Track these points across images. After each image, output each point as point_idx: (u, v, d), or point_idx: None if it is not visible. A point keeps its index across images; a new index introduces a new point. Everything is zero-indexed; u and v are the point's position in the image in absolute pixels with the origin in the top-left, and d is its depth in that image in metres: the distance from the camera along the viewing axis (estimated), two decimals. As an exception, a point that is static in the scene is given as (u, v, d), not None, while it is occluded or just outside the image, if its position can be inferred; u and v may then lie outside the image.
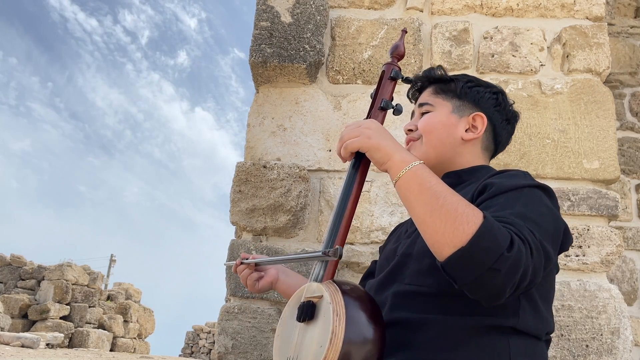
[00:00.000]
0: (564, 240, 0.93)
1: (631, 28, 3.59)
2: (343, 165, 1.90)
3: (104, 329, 13.53)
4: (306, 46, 1.96)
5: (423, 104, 1.16)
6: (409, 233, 1.08)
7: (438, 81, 1.17)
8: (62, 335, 11.91)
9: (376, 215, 1.84)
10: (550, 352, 1.65)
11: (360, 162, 0.97)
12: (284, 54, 1.95)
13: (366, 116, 1.03)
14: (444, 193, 0.83)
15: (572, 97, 1.92)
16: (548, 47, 2.00)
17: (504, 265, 0.76)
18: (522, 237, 0.79)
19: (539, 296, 0.93)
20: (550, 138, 1.88)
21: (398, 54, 1.08)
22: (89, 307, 13.28)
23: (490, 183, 0.95)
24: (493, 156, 1.19)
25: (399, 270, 1.01)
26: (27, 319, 12.37)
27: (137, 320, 15.24)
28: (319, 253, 0.86)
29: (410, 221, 1.12)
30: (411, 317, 0.92)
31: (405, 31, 1.13)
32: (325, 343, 0.76)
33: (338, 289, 0.83)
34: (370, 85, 1.99)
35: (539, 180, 1.16)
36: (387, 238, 1.27)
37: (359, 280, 1.33)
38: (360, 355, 0.77)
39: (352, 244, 1.83)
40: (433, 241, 0.82)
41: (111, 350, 13.53)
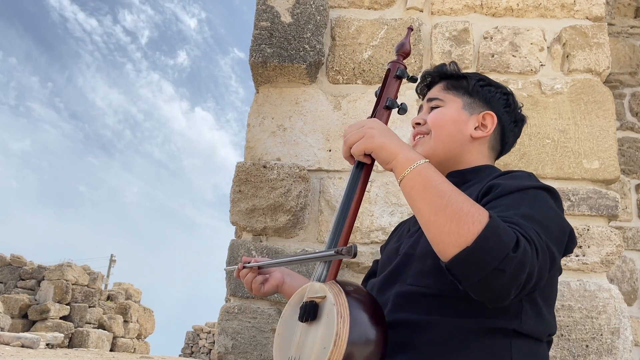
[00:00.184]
0: (568, 243, 0.93)
1: (631, 28, 3.59)
2: (343, 165, 1.90)
3: (104, 329, 13.53)
4: (306, 46, 1.96)
5: (433, 99, 1.14)
6: (411, 232, 1.08)
7: (450, 77, 1.16)
8: (62, 335, 11.91)
9: (376, 215, 1.84)
10: (550, 352, 1.65)
11: (364, 162, 0.95)
12: (284, 54, 1.95)
13: (371, 115, 1.02)
14: (449, 192, 0.82)
15: (572, 97, 1.92)
16: (548, 47, 2.00)
17: (509, 266, 0.75)
18: (528, 238, 0.78)
19: (542, 298, 0.93)
20: (550, 138, 1.88)
21: (404, 52, 1.06)
22: (89, 307, 13.28)
23: (495, 184, 0.94)
24: (498, 157, 1.18)
25: (401, 270, 1.00)
26: (27, 319, 12.37)
27: (137, 320, 15.24)
28: (332, 252, 0.83)
29: (413, 220, 1.12)
30: (413, 319, 0.91)
31: (412, 29, 1.11)
32: (329, 345, 0.75)
33: (342, 289, 0.82)
34: (371, 85, 1.99)
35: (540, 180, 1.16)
36: (389, 236, 1.26)
37: (359, 280, 1.33)
38: (363, 356, 0.77)
39: (353, 244, 1.82)
40: (437, 241, 0.80)
41: (111, 350, 13.53)
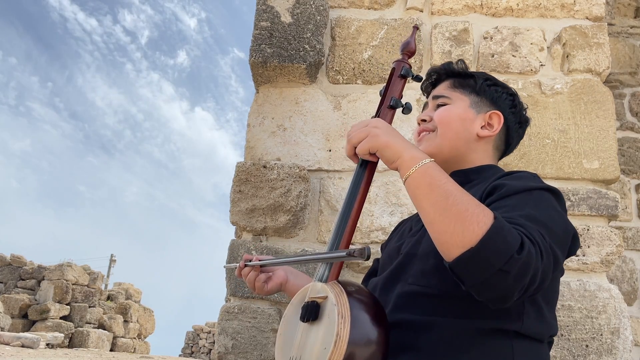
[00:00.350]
0: (571, 244, 0.92)
1: (631, 28, 3.59)
2: (343, 165, 1.90)
3: (104, 329, 13.53)
4: (306, 46, 1.96)
5: (439, 96, 1.13)
6: (413, 231, 1.07)
7: (456, 75, 1.16)
8: (62, 335, 11.91)
9: (376, 215, 1.84)
10: (551, 352, 1.65)
11: (368, 161, 0.95)
12: (284, 54, 1.95)
13: (375, 114, 1.01)
14: (454, 192, 0.81)
15: (572, 97, 1.92)
16: (548, 47, 2.00)
17: (513, 268, 0.74)
18: (533, 240, 0.78)
19: (543, 299, 0.93)
20: (550, 138, 1.88)
21: (409, 51, 1.05)
22: (89, 307, 13.28)
23: (500, 184, 0.94)
24: (501, 158, 1.18)
25: (403, 269, 1.00)
26: (27, 319, 12.37)
27: (137, 320, 15.24)
28: (343, 253, 0.80)
29: (416, 218, 1.11)
30: (415, 319, 0.91)
31: (417, 27, 1.10)
32: (329, 345, 0.75)
33: (343, 290, 0.82)
34: (371, 85, 1.99)
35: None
36: (390, 235, 1.25)
37: (359, 279, 1.33)
38: (363, 357, 0.77)
39: (352, 244, 1.82)
40: (441, 241, 0.80)
41: (111, 350, 13.53)
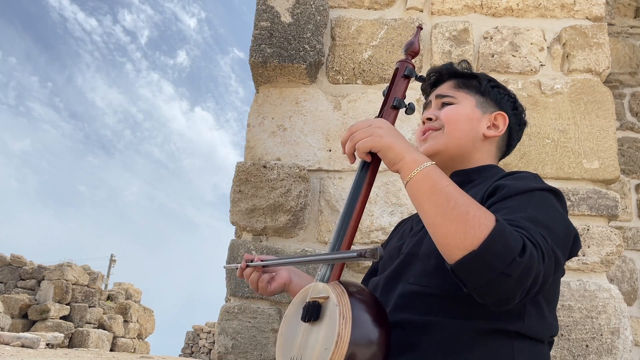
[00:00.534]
0: (573, 246, 0.92)
1: (631, 28, 3.59)
2: (343, 166, 1.90)
3: (104, 329, 13.53)
4: (306, 46, 1.96)
5: (444, 95, 1.14)
6: (414, 231, 1.07)
7: (460, 75, 1.16)
8: (62, 335, 11.91)
9: (376, 215, 1.84)
10: (551, 352, 1.65)
11: (370, 163, 0.95)
12: (284, 54, 1.95)
13: (378, 114, 1.00)
14: (455, 195, 0.81)
15: (572, 97, 1.92)
16: (548, 47, 2.00)
17: (515, 271, 0.74)
18: (535, 242, 0.78)
19: (544, 300, 0.93)
20: (550, 138, 1.88)
21: (413, 51, 1.05)
22: (89, 307, 13.28)
23: (501, 185, 0.94)
24: (501, 159, 1.19)
25: (404, 269, 1.00)
26: (27, 319, 12.37)
27: (137, 320, 15.24)
28: (354, 254, 0.79)
29: (416, 218, 1.11)
30: (416, 319, 0.91)
31: (421, 27, 1.09)
32: (330, 345, 0.75)
33: (345, 290, 0.82)
34: (371, 85, 1.99)
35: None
36: (390, 234, 1.25)
37: (359, 280, 1.33)
38: (365, 357, 0.77)
39: (352, 244, 1.82)
40: (443, 244, 0.80)
41: (111, 350, 13.53)
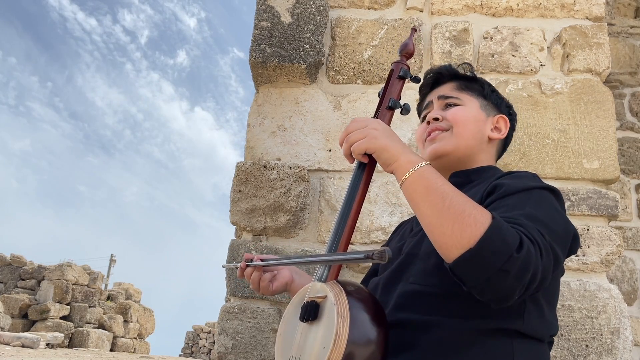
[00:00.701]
0: (572, 244, 0.93)
1: (631, 28, 3.59)
2: (343, 165, 1.90)
3: (104, 329, 13.53)
4: (306, 46, 1.96)
5: (449, 97, 1.15)
6: (414, 232, 1.08)
7: (462, 78, 1.17)
8: (62, 335, 11.91)
9: (376, 215, 1.84)
10: (551, 352, 1.65)
11: (367, 163, 0.95)
12: (284, 54, 1.95)
13: (374, 115, 1.01)
14: (451, 194, 0.82)
15: (572, 97, 1.92)
16: (548, 47, 2.00)
17: (513, 267, 0.75)
18: (532, 239, 0.78)
19: (544, 299, 0.93)
20: (550, 138, 1.88)
21: (407, 53, 1.06)
22: (89, 307, 13.28)
23: (499, 184, 0.95)
24: (496, 161, 1.21)
25: (405, 269, 1.00)
26: (27, 319, 12.37)
27: (137, 320, 15.24)
28: (361, 255, 0.78)
29: (416, 219, 1.12)
30: (416, 319, 0.91)
31: (415, 29, 1.11)
32: (328, 344, 0.75)
33: (342, 289, 0.82)
34: (371, 85, 1.99)
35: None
36: (390, 236, 1.26)
37: (358, 280, 1.33)
38: (363, 356, 0.77)
39: (352, 244, 1.82)
40: (440, 243, 0.80)
41: (111, 350, 13.53)
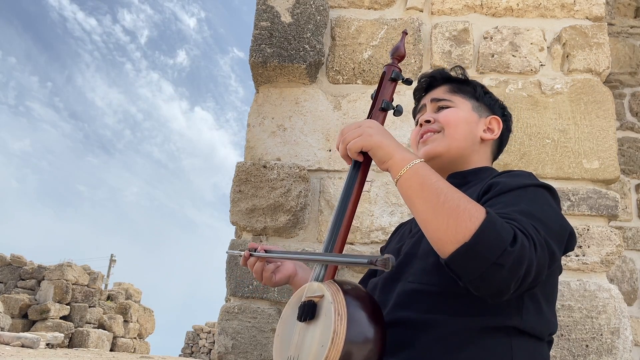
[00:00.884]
0: (569, 240, 0.94)
1: (631, 28, 3.59)
2: (343, 165, 1.90)
3: (104, 329, 13.53)
4: (306, 46, 1.96)
5: (441, 99, 1.16)
6: (413, 233, 1.09)
7: (454, 81, 1.19)
8: (62, 335, 11.91)
9: (376, 215, 1.84)
10: (551, 352, 1.65)
11: (362, 162, 0.97)
12: (284, 54, 1.95)
13: (367, 117, 1.04)
14: (445, 190, 0.83)
15: (572, 97, 1.92)
16: (548, 47, 2.00)
17: (507, 260, 0.76)
18: (526, 233, 0.79)
19: (542, 296, 0.93)
20: (550, 138, 1.88)
21: (399, 56, 1.09)
22: (89, 307, 13.28)
23: (495, 182, 0.96)
24: (492, 162, 1.22)
25: (403, 268, 1.01)
26: (27, 319, 12.37)
27: (137, 320, 15.24)
28: (365, 260, 0.78)
29: (414, 221, 1.13)
30: (415, 317, 0.91)
31: (406, 33, 1.14)
32: (326, 342, 0.76)
33: (339, 288, 0.82)
34: (371, 85, 1.99)
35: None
36: (389, 238, 1.27)
37: (358, 280, 1.33)
38: (361, 354, 0.77)
39: (352, 244, 1.83)
40: (436, 238, 0.82)
41: (111, 350, 13.53)
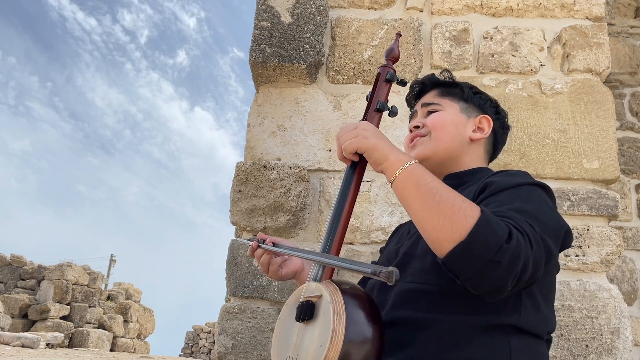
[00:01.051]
0: (565, 238, 0.94)
1: (631, 28, 3.59)
2: (343, 165, 1.91)
3: (104, 329, 13.53)
4: (306, 46, 1.96)
5: (429, 104, 1.18)
6: (411, 234, 1.09)
7: (442, 84, 1.21)
8: (62, 335, 11.91)
9: (376, 215, 1.84)
10: (550, 352, 1.65)
11: (358, 163, 0.98)
12: (284, 54, 1.95)
13: (362, 118, 1.05)
14: (440, 189, 0.84)
15: (572, 97, 1.92)
16: (548, 47, 2.00)
17: (504, 257, 0.76)
18: (521, 230, 0.80)
19: (540, 294, 0.94)
20: (550, 138, 1.88)
21: (393, 57, 1.10)
22: (89, 307, 13.28)
23: (490, 181, 0.97)
24: (490, 162, 1.23)
25: (402, 269, 1.01)
26: (27, 319, 12.37)
27: (137, 320, 15.24)
28: (369, 270, 0.77)
29: (412, 222, 1.13)
30: (413, 316, 0.92)
31: (400, 34, 1.15)
32: (325, 342, 0.76)
33: (337, 288, 0.83)
34: (370, 85, 1.99)
35: (539, 180, 1.18)
36: (388, 239, 1.27)
37: (357, 280, 1.33)
38: (360, 354, 0.77)
39: (352, 244, 1.83)
40: (432, 238, 0.82)
41: (111, 350, 13.53)
